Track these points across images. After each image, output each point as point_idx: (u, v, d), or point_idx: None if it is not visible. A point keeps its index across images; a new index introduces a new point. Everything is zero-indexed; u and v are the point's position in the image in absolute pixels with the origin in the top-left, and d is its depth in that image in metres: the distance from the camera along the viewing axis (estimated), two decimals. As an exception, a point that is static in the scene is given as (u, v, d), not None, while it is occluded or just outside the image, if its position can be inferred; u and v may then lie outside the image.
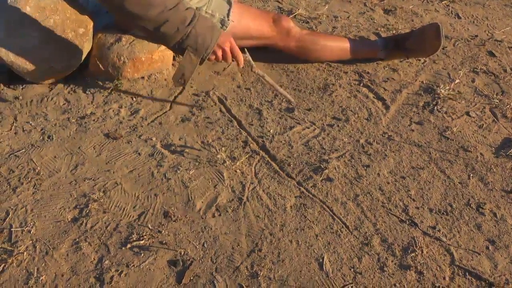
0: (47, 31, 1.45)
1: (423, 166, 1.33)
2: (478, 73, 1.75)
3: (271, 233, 1.12)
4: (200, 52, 1.27)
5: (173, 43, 1.26)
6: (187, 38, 1.25)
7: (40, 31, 1.45)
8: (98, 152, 1.33)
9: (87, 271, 1.02)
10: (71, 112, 1.46)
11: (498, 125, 1.49)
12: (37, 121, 1.42)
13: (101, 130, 1.40)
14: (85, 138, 1.37)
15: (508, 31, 2.06)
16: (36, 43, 1.45)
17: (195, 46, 1.26)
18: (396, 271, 1.04)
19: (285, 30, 1.64)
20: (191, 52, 1.27)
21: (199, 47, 1.27)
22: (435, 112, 1.54)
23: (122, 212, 1.16)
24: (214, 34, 1.30)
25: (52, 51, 1.46)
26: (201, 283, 1.01)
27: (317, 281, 1.02)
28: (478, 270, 1.04)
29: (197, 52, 1.27)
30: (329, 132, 1.44)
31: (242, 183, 1.25)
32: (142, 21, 1.25)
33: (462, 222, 1.16)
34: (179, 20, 1.25)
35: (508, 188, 1.26)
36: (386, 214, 1.18)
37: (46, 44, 1.46)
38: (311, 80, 1.68)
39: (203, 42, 1.27)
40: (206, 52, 1.28)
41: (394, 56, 1.77)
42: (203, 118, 1.47)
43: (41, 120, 1.43)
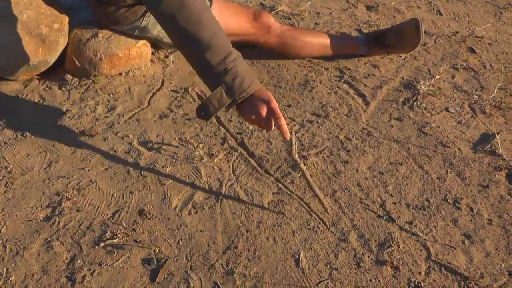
0: (21, 26, 1.42)
1: (401, 161, 1.32)
2: (458, 69, 1.76)
3: (248, 230, 1.11)
4: (233, 93, 1.09)
5: (210, 73, 1.10)
6: (226, 73, 1.09)
7: (14, 27, 1.42)
8: (73, 150, 1.30)
9: (59, 270, 1.00)
10: (46, 109, 1.43)
11: (477, 121, 1.50)
12: (10, 118, 1.39)
13: (77, 128, 1.38)
14: (60, 135, 1.35)
15: (488, 27, 2.08)
16: (10, 39, 1.42)
17: (230, 84, 1.09)
18: (372, 266, 1.04)
19: (266, 26, 1.63)
20: (224, 89, 1.09)
21: (235, 87, 1.09)
22: (415, 108, 1.54)
23: (96, 210, 1.14)
24: (254, 82, 1.12)
25: (26, 46, 1.43)
26: (175, 281, 0.99)
27: (292, 277, 1.01)
28: (453, 265, 1.05)
29: (231, 92, 1.09)
30: (309, 128, 1.43)
31: (219, 180, 1.24)
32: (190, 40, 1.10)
33: (439, 217, 1.16)
34: (225, 52, 1.10)
35: (485, 183, 1.26)
36: (363, 210, 1.17)
37: (19, 39, 1.42)
38: (291, 76, 1.67)
39: (240, 84, 1.09)
40: (239, 96, 1.09)
41: (375, 52, 1.77)
42: (182, 115, 1.45)
43: (15, 118, 1.40)
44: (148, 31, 1.51)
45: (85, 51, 1.49)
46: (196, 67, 1.15)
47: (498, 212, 1.18)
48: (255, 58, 1.74)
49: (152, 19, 1.48)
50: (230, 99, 1.10)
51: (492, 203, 1.20)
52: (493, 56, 1.85)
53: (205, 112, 1.13)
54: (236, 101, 1.10)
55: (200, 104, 1.14)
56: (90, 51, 1.49)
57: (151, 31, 1.51)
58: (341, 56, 1.76)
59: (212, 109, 1.12)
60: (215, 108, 1.11)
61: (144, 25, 1.49)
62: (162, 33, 1.52)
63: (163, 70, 1.64)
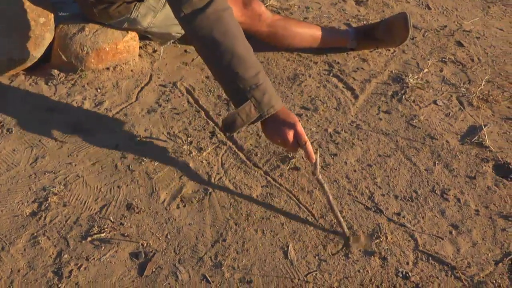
0: (7, 21, 1.40)
1: (389, 154, 1.33)
2: (446, 63, 1.77)
3: (236, 223, 1.10)
4: (261, 109, 1.09)
5: (241, 87, 1.09)
6: (256, 88, 1.09)
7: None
8: (60, 145, 1.29)
9: (45, 265, 0.99)
10: (33, 104, 1.42)
11: (464, 113, 1.51)
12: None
13: (64, 123, 1.36)
14: (47, 130, 1.33)
15: (476, 21, 2.09)
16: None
17: (260, 100, 1.09)
18: (361, 257, 1.04)
19: (257, 14, 1.62)
20: (253, 104, 1.09)
21: (263, 103, 1.09)
22: (403, 101, 1.55)
23: (83, 205, 1.13)
24: (279, 100, 1.13)
25: (11, 41, 1.41)
26: (163, 275, 0.99)
27: (281, 269, 1.01)
28: (441, 255, 1.05)
29: (259, 107, 1.09)
30: (298, 121, 1.43)
31: (208, 173, 1.23)
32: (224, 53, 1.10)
33: (427, 208, 1.17)
34: (258, 67, 1.11)
35: (472, 174, 1.27)
36: (352, 202, 1.17)
37: (4, 34, 1.40)
38: (280, 70, 1.67)
39: (268, 101, 1.10)
40: (267, 112, 1.10)
41: (364, 46, 1.77)
42: (170, 109, 1.45)
43: (1, 113, 1.38)
44: (138, 23, 1.50)
45: (71, 46, 1.47)
46: (224, 79, 1.15)
47: (485, 203, 1.19)
48: (244, 53, 1.73)
49: (141, 11, 1.47)
50: (258, 114, 1.10)
51: (479, 194, 1.21)
52: (481, 50, 1.87)
53: (231, 125, 1.12)
54: (263, 116, 1.11)
55: (227, 116, 1.13)
56: (77, 45, 1.47)
57: (142, 23, 1.50)
58: (331, 49, 1.77)
59: (239, 123, 1.11)
60: (243, 122, 1.11)
61: (134, 17, 1.47)
62: (152, 25, 1.51)
63: (151, 64, 1.63)
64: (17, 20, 1.42)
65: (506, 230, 1.12)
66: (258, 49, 1.72)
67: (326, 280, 0.99)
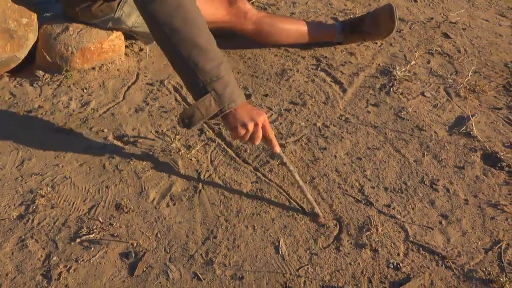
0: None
1: (379, 146, 1.33)
2: (433, 55, 1.78)
3: (227, 220, 1.10)
4: (222, 103, 1.04)
5: (200, 79, 1.04)
6: (217, 81, 1.04)
7: (-21, 22, 1.38)
8: (47, 147, 1.27)
9: (34, 268, 0.98)
10: (18, 106, 1.40)
11: (452, 104, 1.52)
12: (-20, 117, 1.36)
13: (50, 124, 1.35)
14: (33, 132, 1.31)
15: (462, 13, 2.10)
16: (-24, 35, 1.38)
17: (221, 93, 1.04)
18: (352, 250, 1.04)
19: (242, 12, 1.61)
20: (213, 97, 1.04)
21: (224, 97, 1.04)
22: (391, 94, 1.55)
23: (72, 206, 1.12)
24: (240, 94, 1.08)
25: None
26: (154, 274, 0.98)
27: (273, 264, 1.01)
28: (431, 245, 1.06)
29: (220, 101, 1.04)
30: (286, 116, 1.43)
31: (197, 171, 1.23)
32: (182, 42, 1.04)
33: (416, 199, 1.17)
34: (220, 59, 1.06)
35: (460, 164, 1.28)
36: (342, 195, 1.17)
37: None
38: (268, 65, 1.66)
39: (230, 95, 1.05)
40: (228, 106, 1.05)
41: (351, 39, 1.77)
42: (158, 108, 1.43)
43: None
44: (123, 23, 1.49)
45: (55, 46, 1.45)
46: (183, 70, 1.08)
47: (474, 192, 1.19)
48: (231, 49, 1.73)
49: (125, 10, 1.45)
50: (218, 108, 1.05)
51: (468, 184, 1.22)
52: (467, 41, 1.88)
53: (190, 119, 1.06)
54: (224, 111, 1.05)
55: (184, 110, 1.08)
56: (61, 45, 1.45)
57: (126, 22, 1.48)
58: (318, 43, 1.76)
59: (198, 117, 1.05)
60: (202, 116, 1.05)
61: (118, 17, 1.46)
62: (136, 24, 1.49)
63: (138, 63, 1.62)
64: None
65: (495, 219, 1.12)
66: (244, 45, 1.73)
67: (318, 273, 0.99)
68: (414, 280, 0.98)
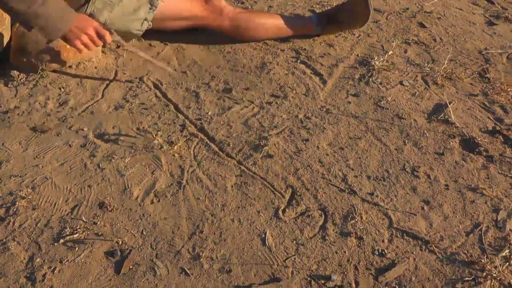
0: (-43, 21, 1.34)
1: (360, 136, 1.35)
2: (410, 44, 1.80)
3: (212, 214, 1.10)
4: (48, 34, 1.25)
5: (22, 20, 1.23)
6: (36, 17, 1.21)
7: (-51, 22, 1.33)
8: (25, 147, 1.25)
9: (17, 271, 0.96)
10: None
11: (430, 92, 1.54)
12: (-46, 119, 1.32)
13: (27, 124, 1.32)
14: (9, 133, 1.28)
15: (436, 3, 2.13)
16: None
17: (44, 26, 1.22)
18: (337, 239, 1.05)
19: (218, 9, 1.61)
20: (38, 32, 1.23)
21: (49, 29, 1.23)
22: (371, 84, 1.57)
23: (53, 207, 1.10)
24: (68, 17, 1.27)
25: (-35, 43, 1.35)
26: (141, 271, 0.97)
27: (260, 256, 1.01)
28: (414, 230, 1.08)
29: (45, 33, 1.24)
30: (268, 109, 1.43)
31: (181, 166, 1.22)
32: None
33: (399, 186, 1.19)
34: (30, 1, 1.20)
35: (440, 151, 1.30)
36: (326, 185, 1.19)
37: (-43, 35, 1.34)
38: (248, 59, 1.66)
39: (53, 25, 1.24)
40: (54, 35, 1.26)
41: (329, 30, 1.78)
42: (138, 105, 1.42)
43: (-41, 118, 1.32)
44: (95, 19, 1.46)
45: (30, 45, 1.42)
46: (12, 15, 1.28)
47: (454, 177, 1.22)
48: (210, 44, 1.72)
49: (98, 5, 1.43)
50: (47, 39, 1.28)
51: (448, 169, 1.25)
52: (442, 30, 1.91)
53: None
54: (52, 39, 1.27)
55: None
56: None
57: (98, 18, 1.45)
58: (296, 36, 1.77)
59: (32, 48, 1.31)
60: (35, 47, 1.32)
61: (90, 12, 1.43)
62: (110, 20, 1.47)
63: (116, 60, 1.59)
64: (-31, 21, 1.36)
65: (475, 202, 1.15)
66: (223, 40, 1.72)
67: (305, 263, 1.00)
68: (399, 265, 1.00)
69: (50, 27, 1.24)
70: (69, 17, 1.28)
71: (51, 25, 1.24)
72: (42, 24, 1.22)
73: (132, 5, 1.50)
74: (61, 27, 1.25)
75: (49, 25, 1.23)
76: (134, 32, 1.55)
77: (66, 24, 1.26)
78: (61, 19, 1.26)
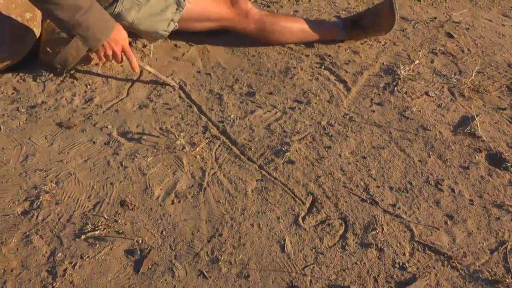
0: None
1: (383, 145, 1.33)
2: (437, 54, 1.77)
3: (232, 218, 1.10)
4: (89, 43, 1.30)
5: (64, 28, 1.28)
6: (78, 26, 1.26)
7: (-17, 17, 1.37)
8: (50, 142, 1.27)
9: (39, 265, 0.97)
10: (21, 102, 1.39)
11: (456, 104, 1.52)
12: (-17, 111, 1.35)
13: (53, 120, 1.34)
14: (36, 128, 1.31)
15: (465, 13, 2.10)
16: (-21, 29, 1.37)
17: (85, 36, 1.28)
18: (357, 249, 1.04)
19: (244, 11, 1.61)
20: (79, 40, 1.29)
21: (89, 38, 1.29)
22: (395, 93, 1.55)
23: (76, 203, 1.11)
24: (107, 30, 1.32)
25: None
26: (159, 271, 0.98)
27: (278, 263, 1.00)
28: (437, 245, 1.06)
29: (86, 43, 1.30)
30: (291, 115, 1.42)
31: (202, 168, 1.22)
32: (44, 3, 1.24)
33: (422, 199, 1.17)
34: (73, 8, 1.25)
35: (465, 164, 1.28)
36: (347, 194, 1.17)
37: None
38: (272, 63, 1.66)
39: (94, 35, 1.29)
40: (94, 45, 1.31)
41: (353, 36, 1.77)
42: (162, 104, 1.43)
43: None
44: (123, 18, 1.47)
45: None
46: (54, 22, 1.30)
47: (479, 192, 1.20)
48: (235, 46, 1.72)
49: (126, 5, 1.44)
50: (87, 48, 1.32)
51: (473, 184, 1.22)
52: (471, 41, 1.88)
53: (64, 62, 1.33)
54: (93, 49, 1.32)
55: (58, 56, 1.32)
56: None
57: (126, 17, 1.47)
58: (321, 41, 1.76)
59: (71, 60, 1.33)
60: (75, 58, 1.33)
61: (118, 12, 1.45)
62: (137, 20, 1.49)
63: (142, 60, 1.61)
64: (1, 16, 1.38)
65: (500, 219, 1.13)
66: (248, 44, 1.72)
67: (324, 272, 0.99)
68: (420, 280, 0.98)
69: (91, 37, 1.29)
70: (108, 29, 1.34)
71: (92, 34, 1.29)
72: (84, 33, 1.28)
73: (159, 6, 1.51)
74: (100, 37, 1.31)
75: (90, 34, 1.29)
76: (161, 32, 1.56)
77: (105, 35, 1.32)
78: (101, 30, 1.31)
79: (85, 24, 1.27)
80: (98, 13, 1.31)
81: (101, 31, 1.31)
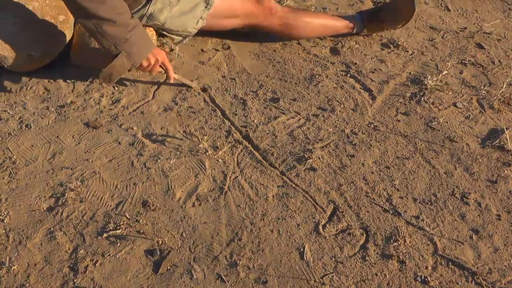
0: (26, 17, 1.42)
1: (408, 156, 1.31)
2: (466, 65, 1.74)
3: (252, 223, 1.09)
4: (133, 59, 1.34)
5: (110, 44, 1.31)
6: (125, 42, 1.31)
7: (18, 17, 1.41)
8: (77, 141, 1.30)
9: (61, 260, 0.99)
10: (51, 101, 1.43)
11: (485, 116, 1.48)
12: (15, 109, 1.39)
13: (81, 119, 1.37)
14: (64, 127, 1.34)
15: (497, 24, 2.05)
16: (14, 29, 1.41)
17: (130, 52, 1.33)
18: (378, 260, 1.02)
19: (268, 8, 1.66)
20: (124, 56, 1.33)
21: (133, 54, 1.33)
22: (422, 103, 1.52)
23: (100, 201, 1.13)
24: (149, 46, 1.38)
25: (31, 38, 1.43)
26: (178, 273, 0.98)
27: (297, 270, 0.99)
28: (461, 260, 1.03)
29: (130, 58, 1.34)
30: (314, 122, 1.42)
31: (224, 172, 1.23)
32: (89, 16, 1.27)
33: (446, 212, 1.14)
34: (123, 24, 1.30)
35: (493, 178, 1.24)
36: (369, 204, 1.16)
37: (24, 31, 1.42)
38: (297, 70, 1.65)
39: (138, 51, 1.34)
40: (138, 60, 1.35)
41: (371, 29, 1.81)
42: (186, 108, 1.44)
43: (19, 109, 1.39)
44: (156, 18, 1.51)
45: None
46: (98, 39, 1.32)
47: (506, 208, 1.16)
48: (260, 52, 1.73)
49: (158, 5, 1.47)
50: (131, 63, 1.35)
51: (501, 198, 1.18)
52: (502, 52, 1.83)
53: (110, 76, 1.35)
54: (136, 65, 1.36)
55: (104, 70, 1.34)
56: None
57: (158, 18, 1.50)
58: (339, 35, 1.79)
59: (116, 75, 1.36)
60: (119, 72, 1.36)
61: (151, 12, 1.48)
62: (169, 20, 1.52)
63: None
64: (36, 17, 1.43)
65: (528, 236, 1.09)
66: (274, 50, 1.72)
67: (343, 282, 0.97)
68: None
69: (135, 53, 1.33)
70: (151, 45, 1.39)
71: (136, 50, 1.33)
72: (129, 49, 1.32)
73: (189, 4, 1.54)
74: (143, 53, 1.36)
75: (135, 50, 1.33)
76: (190, 30, 1.59)
77: (147, 52, 1.37)
78: (144, 46, 1.36)
79: (132, 40, 1.32)
80: (143, 31, 1.37)
81: (144, 47, 1.36)
